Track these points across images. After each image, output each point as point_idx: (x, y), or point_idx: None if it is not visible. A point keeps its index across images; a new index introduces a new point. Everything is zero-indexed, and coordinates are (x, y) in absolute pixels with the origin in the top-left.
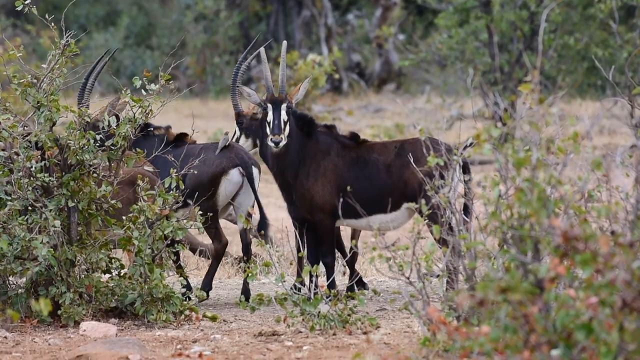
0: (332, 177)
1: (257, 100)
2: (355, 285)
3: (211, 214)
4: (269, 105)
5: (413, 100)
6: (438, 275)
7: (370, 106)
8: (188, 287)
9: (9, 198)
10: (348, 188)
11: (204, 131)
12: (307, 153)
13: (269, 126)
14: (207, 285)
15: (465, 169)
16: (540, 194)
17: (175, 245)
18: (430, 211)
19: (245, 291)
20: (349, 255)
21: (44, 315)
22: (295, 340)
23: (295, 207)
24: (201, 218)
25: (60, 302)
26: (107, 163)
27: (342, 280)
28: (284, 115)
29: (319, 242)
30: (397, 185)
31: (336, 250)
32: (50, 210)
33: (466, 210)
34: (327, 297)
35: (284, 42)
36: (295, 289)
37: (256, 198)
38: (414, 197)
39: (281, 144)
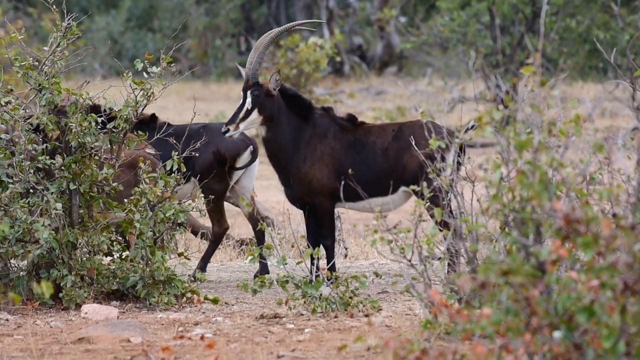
0: (330, 160)
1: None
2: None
3: (218, 197)
4: (242, 93)
5: (415, 83)
6: (439, 258)
7: (372, 89)
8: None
9: (11, 181)
10: (349, 171)
11: (205, 114)
12: (303, 136)
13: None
14: (202, 268)
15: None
16: (542, 177)
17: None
18: (432, 194)
19: (264, 268)
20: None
21: (45, 297)
22: (297, 323)
23: (293, 191)
24: (204, 200)
25: (61, 284)
26: (109, 146)
27: (343, 263)
28: (247, 104)
29: (319, 224)
30: (395, 168)
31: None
32: (52, 192)
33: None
34: (328, 280)
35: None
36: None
37: None
38: (411, 180)
39: (227, 135)
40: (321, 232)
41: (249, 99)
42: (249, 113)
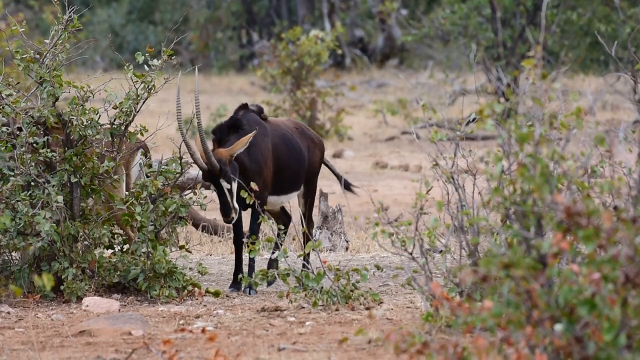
0: (270, 158)
1: (201, 164)
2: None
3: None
4: (211, 184)
5: (416, 76)
6: (441, 251)
7: (373, 81)
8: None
9: (12, 173)
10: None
11: (206, 106)
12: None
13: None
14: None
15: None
16: (543, 170)
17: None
18: (431, 187)
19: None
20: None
21: (46, 290)
22: (298, 316)
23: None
24: (204, 195)
25: (63, 277)
26: (110, 139)
27: (344, 256)
28: (226, 185)
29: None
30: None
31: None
32: (53, 185)
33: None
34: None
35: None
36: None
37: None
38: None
39: (234, 221)
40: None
41: (224, 183)
42: (230, 191)
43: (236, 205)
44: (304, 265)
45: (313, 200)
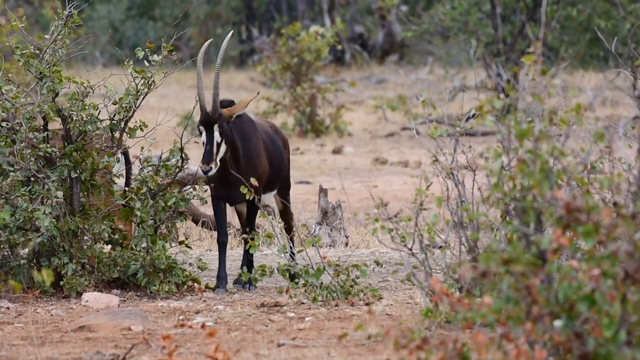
0: (265, 157)
1: (204, 102)
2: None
3: None
4: (202, 127)
5: (416, 72)
6: (440, 247)
7: (373, 77)
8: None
9: (12, 169)
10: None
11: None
12: (246, 142)
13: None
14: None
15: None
16: (543, 166)
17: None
18: (431, 183)
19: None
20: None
21: (46, 286)
22: (297, 312)
23: (233, 193)
24: (204, 189)
25: (62, 272)
26: (110, 134)
27: (343, 252)
28: (217, 138)
29: (250, 219)
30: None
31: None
32: (53, 181)
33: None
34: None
35: (223, 46)
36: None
37: None
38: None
39: (210, 173)
40: (251, 224)
41: (216, 133)
42: (219, 147)
43: (218, 162)
44: (291, 258)
45: (288, 198)
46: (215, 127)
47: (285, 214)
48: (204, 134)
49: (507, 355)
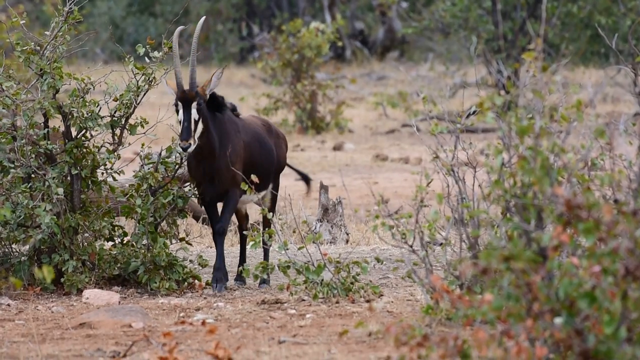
0: (242, 153)
1: (180, 80)
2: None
3: None
4: (179, 104)
5: (416, 68)
6: (441, 244)
7: (373, 74)
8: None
9: (12, 165)
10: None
11: None
12: (224, 133)
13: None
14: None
15: None
16: (544, 162)
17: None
18: (432, 180)
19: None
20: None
21: (47, 283)
22: (298, 308)
23: (215, 187)
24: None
25: (63, 269)
26: (110, 131)
27: (344, 249)
28: (194, 115)
29: (226, 215)
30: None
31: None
32: (53, 177)
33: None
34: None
35: (201, 21)
36: None
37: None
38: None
39: (189, 150)
40: (224, 219)
41: (194, 110)
42: (196, 125)
43: (197, 139)
44: (265, 256)
45: (276, 196)
46: (194, 104)
47: (272, 213)
48: (180, 111)
49: (508, 353)
